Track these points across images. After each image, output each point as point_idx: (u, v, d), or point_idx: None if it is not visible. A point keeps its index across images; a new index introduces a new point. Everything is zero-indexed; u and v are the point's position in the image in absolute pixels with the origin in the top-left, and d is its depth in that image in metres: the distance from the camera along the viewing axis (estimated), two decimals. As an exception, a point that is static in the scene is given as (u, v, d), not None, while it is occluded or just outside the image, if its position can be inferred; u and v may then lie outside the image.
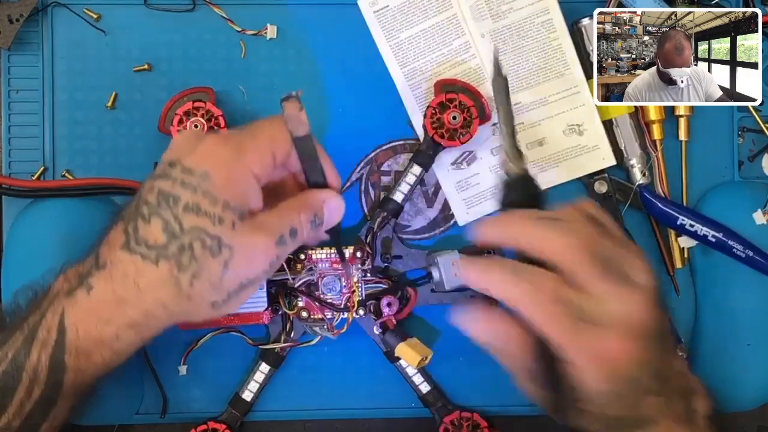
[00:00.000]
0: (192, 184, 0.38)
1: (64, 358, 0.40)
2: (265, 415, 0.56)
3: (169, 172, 0.39)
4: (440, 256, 0.52)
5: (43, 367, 0.40)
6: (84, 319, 0.40)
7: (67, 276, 0.41)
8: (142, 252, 0.38)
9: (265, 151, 0.40)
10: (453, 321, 0.41)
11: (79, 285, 0.40)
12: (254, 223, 0.39)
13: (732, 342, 0.54)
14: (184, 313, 0.40)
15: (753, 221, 0.54)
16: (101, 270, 0.40)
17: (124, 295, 0.39)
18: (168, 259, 0.38)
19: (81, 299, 0.40)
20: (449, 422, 0.55)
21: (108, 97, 0.55)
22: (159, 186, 0.39)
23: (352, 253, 0.53)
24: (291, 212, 0.41)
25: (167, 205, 0.38)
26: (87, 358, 0.40)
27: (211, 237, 0.38)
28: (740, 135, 0.57)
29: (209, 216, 0.38)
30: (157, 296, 0.39)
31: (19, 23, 0.52)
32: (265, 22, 0.55)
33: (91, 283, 0.40)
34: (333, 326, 0.53)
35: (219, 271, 0.39)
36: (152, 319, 0.40)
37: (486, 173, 0.56)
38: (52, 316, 0.40)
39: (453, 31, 0.55)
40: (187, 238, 0.38)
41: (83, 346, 0.40)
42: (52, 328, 0.40)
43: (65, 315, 0.40)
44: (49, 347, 0.40)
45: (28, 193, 0.54)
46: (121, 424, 0.55)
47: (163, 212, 0.38)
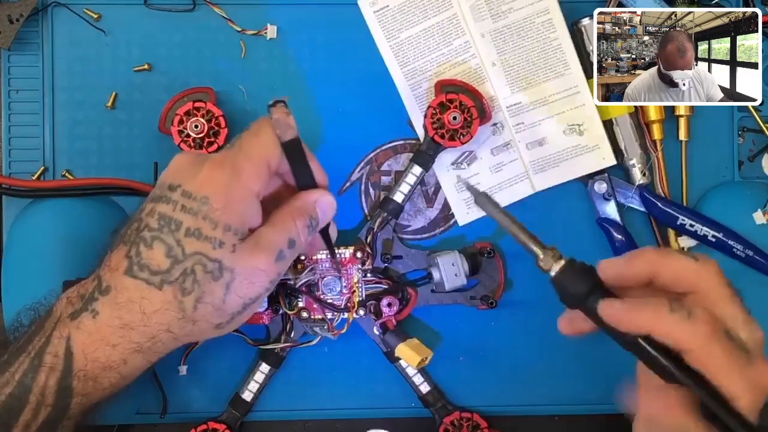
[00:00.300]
0: (193, 208, 0.39)
1: (71, 384, 0.40)
2: (265, 415, 0.56)
3: (170, 195, 0.39)
4: (440, 257, 0.53)
5: (51, 391, 0.40)
6: (91, 344, 0.40)
7: (69, 298, 0.42)
8: (145, 278, 0.39)
9: (261, 165, 0.40)
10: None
11: (83, 309, 0.40)
12: (253, 243, 0.40)
13: (732, 342, 0.54)
14: (188, 336, 0.41)
15: (753, 221, 0.54)
16: (105, 295, 0.40)
17: (129, 321, 0.40)
18: (171, 284, 0.39)
19: (87, 324, 0.40)
20: (449, 422, 0.55)
21: (108, 97, 0.55)
22: (159, 210, 0.39)
23: (352, 254, 0.53)
24: (286, 223, 0.41)
25: (169, 230, 0.39)
26: (94, 382, 0.41)
27: (212, 261, 0.39)
28: (740, 135, 0.57)
29: (210, 240, 0.39)
30: (162, 321, 0.40)
31: (19, 23, 0.52)
32: (265, 22, 0.55)
33: (96, 308, 0.40)
34: (333, 326, 0.53)
35: (222, 294, 0.39)
36: (158, 343, 0.41)
37: (486, 173, 0.56)
38: (58, 341, 0.40)
39: (453, 31, 0.55)
40: (190, 263, 0.39)
41: (91, 372, 0.40)
42: (59, 353, 0.40)
43: (72, 340, 0.40)
44: (57, 372, 0.40)
45: (28, 193, 0.54)
46: (121, 424, 0.55)
47: (165, 237, 0.39)
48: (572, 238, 0.56)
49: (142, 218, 0.40)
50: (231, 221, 0.39)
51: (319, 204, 0.43)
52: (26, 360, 0.40)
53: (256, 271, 0.40)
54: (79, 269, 0.50)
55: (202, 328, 0.41)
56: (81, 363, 0.40)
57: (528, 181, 0.56)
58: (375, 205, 0.56)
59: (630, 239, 0.55)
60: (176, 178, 0.40)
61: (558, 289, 0.39)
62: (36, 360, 0.40)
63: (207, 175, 0.40)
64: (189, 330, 0.40)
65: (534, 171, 0.56)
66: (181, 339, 0.41)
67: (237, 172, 0.40)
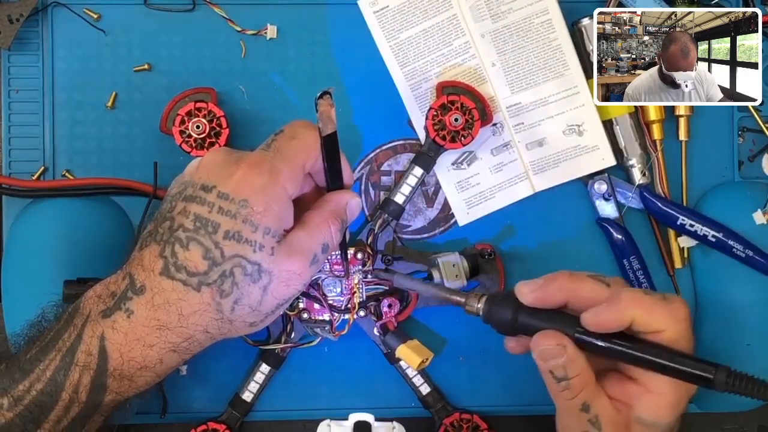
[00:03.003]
0: (231, 211, 0.39)
1: (106, 382, 0.41)
2: (265, 415, 0.56)
3: (205, 197, 0.40)
4: (441, 258, 0.53)
5: (84, 389, 0.40)
6: (127, 344, 0.40)
7: (99, 295, 0.41)
8: (182, 279, 0.39)
9: (298, 168, 0.41)
10: None
11: (116, 308, 0.40)
12: (290, 246, 0.41)
13: (732, 342, 0.54)
14: (224, 335, 0.42)
15: (753, 221, 0.54)
16: (141, 295, 0.40)
17: (167, 322, 0.40)
18: (210, 286, 0.39)
19: (121, 323, 0.40)
20: (449, 424, 0.55)
21: (108, 97, 0.55)
22: (194, 210, 0.39)
23: (353, 255, 0.53)
24: (321, 227, 0.42)
25: (206, 232, 0.39)
26: (130, 381, 0.41)
27: (251, 263, 0.39)
28: (740, 135, 0.57)
29: (250, 243, 0.39)
30: (199, 322, 0.40)
31: (19, 23, 0.52)
32: (265, 22, 0.55)
33: (131, 307, 0.40)
34: (334, 328, 0.53)
35: (259, 296, 0.40)
36: (194, 343, 0.41)
37: (486, 173, 0.56)
38: (91, 339, 0.40)
39: (453, 31, 0.55)
40: (229, 265, 0.39)
41: (127, 371, 0.41)
42: (93, 352, 0.40)
43: (106, 339, 0.40)
44: (90, 371, 0.40)
45: (28, 193, 0.53)
46: (121, 424, 0.55)
47: (202, 239, 0.39)
48: (572, 238, 0.56)
49: (175, 217, 0.40)
50: (270, 224, 0.40)
51: (349, 206, 0.44)
52: (57, 356, 0.40)
53: (292, 275, 0.41)
54: (79, 269, 0.50)
55: (237, 327, 0.41)
56: (117, 362, 0.40)
57: (528, 181, 0.56)
58: (375, 206, 0.56)
59: (630, 239, 0.55)
60: (210, 178, 0.40)
61: (491, 323, 0.43)
62: (68, 357, 0.40)
63: (244, 177, 0.40)
64: (225, 330, 0.41)
65: (534, 171, 0.56)
66: (217, 338, 0.42)
67: (275, 175, 0.40)
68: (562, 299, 0.42)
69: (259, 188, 0.40)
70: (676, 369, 0.40)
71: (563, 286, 0.42)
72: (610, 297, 0.41)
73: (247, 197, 0.39)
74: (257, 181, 0.40)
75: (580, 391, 0.41)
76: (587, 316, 0.41)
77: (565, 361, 0.41)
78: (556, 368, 0.41)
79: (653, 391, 0.41)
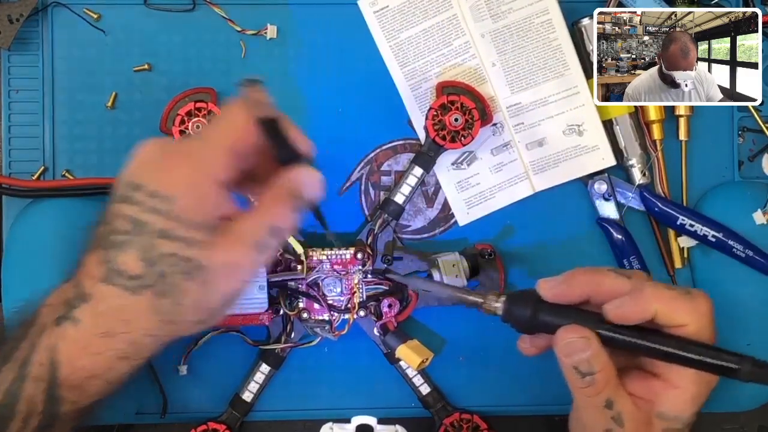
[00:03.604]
0: (160, 209, 0.37)
1: (59, 393, 0.40)
2: (265, 415, 0.56)
3: (134, 196, 0.38)
4: (441, 258, 0.53)
5: (39, 400, 0.39)
6: (74, 353, 0.39)
7: (53, 303, 0.40)
8: (122, 284, 0.38)
9: (223, 152, 0.39)
10: None
11: (65, 317, 0.39)
12: (227, 235, 0.39)
13: (732, 342, 0.54)
14: (171, 336, 0.40)
15: (753, 221, 0.54)
16: (86, 303, 0.39)
17: (111, 329, 0.39)
18: (148, 289, 0.38)
19: (70, 333, 0.39)
20: (449, 424, 0.55)
21: (108, 97, 0.55)
22: (126, 212, 0.38)
23: (352, 255, 0.53)
24: (267, 210, 0.40)
25: (139, 233, 0.38)
26: (81, 390, 0.40)
27: (186, 260, 0.38)
28: (740, 135, 0.57)
29: (181, 240, 0.37)
30: (143, 326, 0.39)
31: (19, 23, 0.52)
32: (265, 22, 0.55)
33: (77, 316, 0.39)
34: (334, 328, 0.53)
35: (199, 293, 0.38)
36: (141, 348, 0.40)
37: (486, 173, 0.56)
38: (42, 350, 0.39)
39: (453, 31, 0.55)
40: (164, 265, 0.37)
41: (76, 381, 0.40)
42: (44, 363, 0.39)
43: (57, 349, 0.39)
44: (43, 383, 0.39)
45: (28, 193, 0.54)
46: (121, 423, 0.55)
47: (136, 240, 0.38)
48: (572, 238, 0.56)
49: (111, 221, 0.39)
50: (200, 217, 0.38)
51: (303, 183, 0.40)
52: (13, 368, 0.40)
53: (232, 265, 0.39)
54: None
55: (183, 327, 0.40)
56: (66, 373, 0.39)
57: (528, 181, 0.56)
58: (375, 206, 0.56)
59: (630, 239, 0.55)
60: (138, 176, 0.39)
61: (511, 321, 0.42)
62: (23, 369, 0.39)
63: (169, 171, 0.38)
64: (170, 330, 0.39)
65: (534, 171, 0.56)
66: (164, 339, 0.40)
67: (198, 164, 0.38)
68: (584, 294, 0.41)
69: (185, 180, 0.38)
70: (702, 362, 0.39)
71: (586, 280, 0.41)
72: (632, 290, 0.40)
73: (174, 192, 0.38)
74: (181, 173, 0.38)
75: (604, 387, 0.40)
76: (609, 308, 0.40)
77: (590, 354, 0.40)
78: (581, 362, 0.40)
79: (678, 386, 0.41)
